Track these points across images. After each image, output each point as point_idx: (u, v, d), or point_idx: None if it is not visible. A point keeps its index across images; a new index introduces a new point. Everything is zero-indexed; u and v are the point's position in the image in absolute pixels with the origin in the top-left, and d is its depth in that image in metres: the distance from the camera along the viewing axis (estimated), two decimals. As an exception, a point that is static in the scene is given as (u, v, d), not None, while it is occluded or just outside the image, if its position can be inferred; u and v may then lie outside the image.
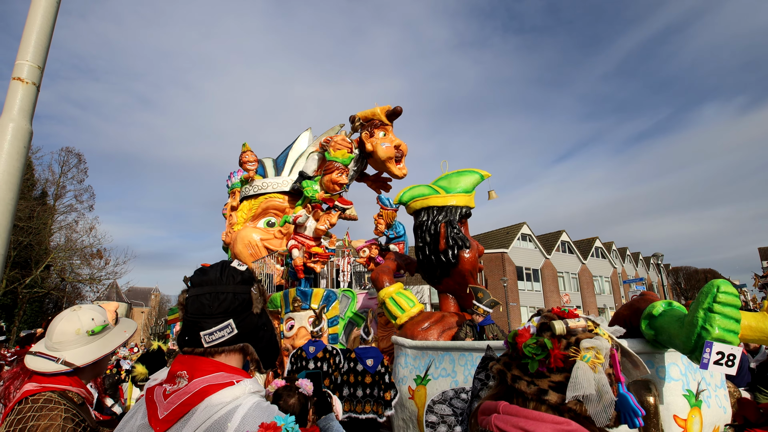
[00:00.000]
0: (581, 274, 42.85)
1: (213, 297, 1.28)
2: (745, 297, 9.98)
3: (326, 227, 8.60)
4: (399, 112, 8.98)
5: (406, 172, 9.15)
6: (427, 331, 4.70)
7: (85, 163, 29.89)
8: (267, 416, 1.13)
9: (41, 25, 2.16)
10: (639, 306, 2.35)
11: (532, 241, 40.29)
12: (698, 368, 2.16)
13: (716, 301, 1.90)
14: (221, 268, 1.34)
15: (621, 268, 49.27)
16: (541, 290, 38.88)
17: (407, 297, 5.29)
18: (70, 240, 27.02)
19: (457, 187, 5.55)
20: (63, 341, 1.89)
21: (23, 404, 1.69)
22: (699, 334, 1.90)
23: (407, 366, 4.34)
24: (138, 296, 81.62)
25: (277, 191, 10.94)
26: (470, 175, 5.67)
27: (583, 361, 1.01)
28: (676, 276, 64.15)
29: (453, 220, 5.28)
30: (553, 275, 40.29)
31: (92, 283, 27.27)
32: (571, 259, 42.79)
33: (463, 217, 5.38)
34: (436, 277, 5.49)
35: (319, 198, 9.08)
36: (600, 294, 44.00)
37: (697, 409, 2.17)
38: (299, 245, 8.33)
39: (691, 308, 2.00)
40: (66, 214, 28.40)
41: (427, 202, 5.53)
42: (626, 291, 43.84)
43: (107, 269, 27.53)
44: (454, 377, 3.63)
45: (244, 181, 11.81)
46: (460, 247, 5.12)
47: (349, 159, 9.07)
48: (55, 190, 28.54)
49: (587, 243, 46.28)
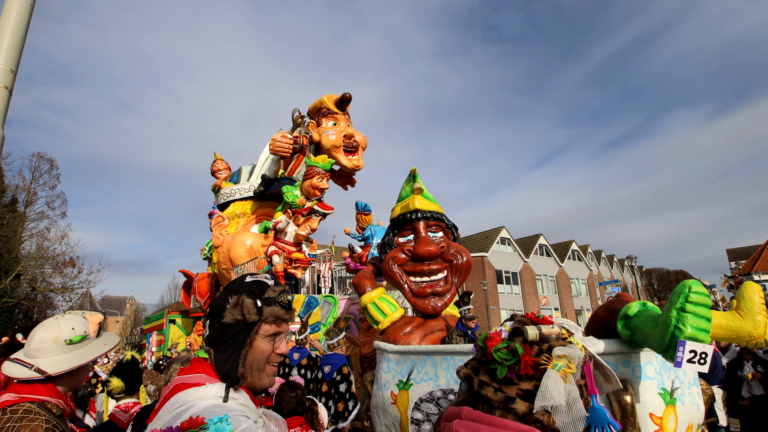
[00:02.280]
0: (559, 276, 43.45)
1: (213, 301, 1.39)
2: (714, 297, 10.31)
3: (307, 233, 8.54)
4: (347, 99, 8.86)
5: (360, 164, 8.83)
6: (409, 336, 4.70)
7: (57, 168, 29.08)
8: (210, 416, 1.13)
9: (14, 27, 2.10)
10: (615, 307, 2.40)
11: (510, 244, 40.67)
12: (672, 367, 2.21)
13: (688, 301, 1.96)
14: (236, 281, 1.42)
15: (597, 271, 50.18)
16: (520, 293, 39.23)
17: (389, 302, 5.28)
18: (41, 248, 26.13)
19: (398, 198, 5.53)
20: (40, 348, 1.86)
21: (2, 415, 1.64)
22: (672, 333, 1.95)
23: (390, 371, 4.33)
24: (113, 305, 79.44)
25: (244, 197, 10.84)
26: (408, 179, 5.63)
27: (555, 370, 0.96)
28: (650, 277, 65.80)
29: (387, 236, 5.30)
30: (532, 278, 40.73)
31: (64, 292, 26.42)
32: (548, 262, 43.35)
33: (396, 226, 5.30)
34: None
35: (299, 203, 9.02)
36: (577, 296, 44.70)
37: (671, 407, 2.22)
38: (279, 251, 8.26)
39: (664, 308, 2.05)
40: (37, 221, 27.50)
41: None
42: (602, 293, 44.65)
43: (80, 278, 26.73)
44: (437, 381, 3.64)
45: (215, 189, 11.72)
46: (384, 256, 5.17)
47: (329, 164, 9.03)
48: (25, 196, 27.62)
49: (564, 246, 46.99)
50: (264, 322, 1.35)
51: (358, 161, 8.87)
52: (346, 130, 8.78)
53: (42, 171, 28.42)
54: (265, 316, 1.35)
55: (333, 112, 8.96)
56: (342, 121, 8.95)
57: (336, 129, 8.78)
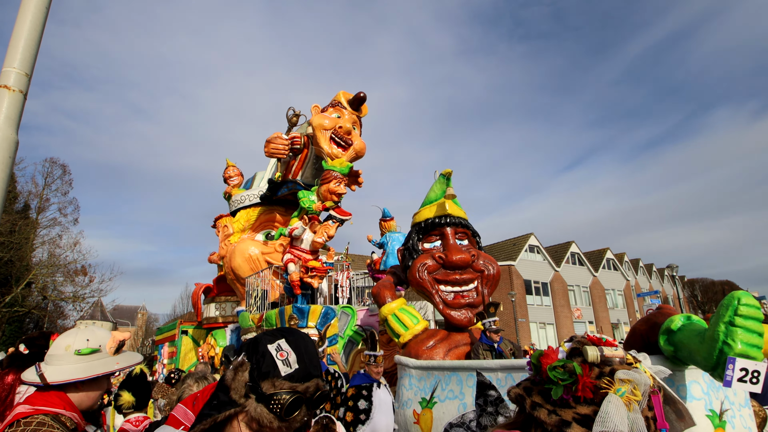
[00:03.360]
0: (593, 287, 42.69)
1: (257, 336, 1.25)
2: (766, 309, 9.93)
3: (323, 240, 8.59)
4: (360, 98, 8.95)
5: (336, 153, 8.78)
6: (432, 350, 4.67)
7: (69, 174, 29.93)
8: None
9: (29, 31, 2.19)
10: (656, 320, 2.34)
11: (540, 252, 40.21)
12: (721, 386, 2.14)
13: (737, 314, 1.90)
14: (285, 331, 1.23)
15: (634, 281, 49.10)
16: (551, 305, 38.68)
17: (410, 314, 5.26)
18: (53, 255, 26.92)
19: (426, 201, 5.53)
20: (53, 355, 1.93)
21: (15, 427, 1.69)
22: (721, 349, 1.89)
23: (412, 388, 4.30)
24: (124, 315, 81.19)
25: (253, 204, 11.01)
26: (437, 181, 5.61)
27: (617, 395, 0.92)
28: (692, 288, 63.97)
29: (411, 240, 5.30)
30: (564, 289, 40.11)
31: (75, 301, 27.12)
32: (581, 272, 42.67)
33: (424, 231, 5.27)
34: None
35: (316, 209, 9.09)
36: (613, 308, 43.79)
37: (721, 430, 2.15)
38: (295, 259, 8.32)
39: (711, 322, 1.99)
40: (49, 228, 28.35)
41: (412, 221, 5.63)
42: (641, 305, 43.61)
43: (92, 287, 27.38)
44: (462, 399, 3.60)
45: (226, 196, 11.95)
46: (408, 267, 5.15)
47: (347, 168, 9.08)
48: (38, 203, 28.53)
49: (598, 254, 46.17)
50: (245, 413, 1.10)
51: (335, 150, 8.76)
52: (344, 124, 8.81)
53: (54, 177, 29.34)
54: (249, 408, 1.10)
55: (343, 107, 9.09)
56: (346, 116, 9.01)
57: (334, 117, 8.86)
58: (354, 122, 9.24)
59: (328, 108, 9.20)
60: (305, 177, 9.91)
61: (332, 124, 8.76)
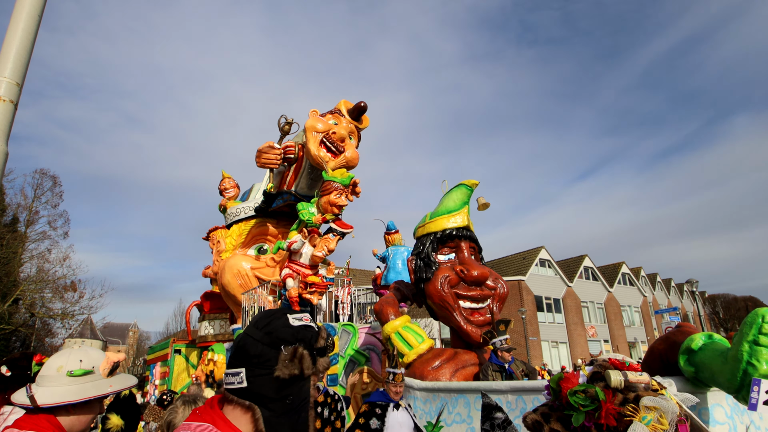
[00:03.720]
0: (608, 303, 42.42)
1: (240, 339, 1.29)
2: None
3: (323, 254, 8.58)
4: (360, 107, 8.99)
5: (324, 157, 8.71)
6: (438, 371, 4.63)
7: (60, 186, 30.16)
8: None
9: (21, 39, 2.23)
10: (676, 339, 2.32)
11: (551, 267, 40.05)
12: (746, 409, 2.12)
13: (762, 333, 1.88)
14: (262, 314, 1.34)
15: (651, 297, 48.77)
16: (564, 322, 38.40)
17: (415, 332, 5.23)
18: (41, 270, 27.00)
19: (441, 210, 5.55)
20: (44, 376, 1.92)
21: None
22: (745, 370, 1.87)
23: (416, 411, 4.26)
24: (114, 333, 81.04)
25: (248, 216, 11.03)
26: (456, 190, 5.63)
27: (642, 424, 0.90)
28: (714, 305, 63.44)
29: (423, 250, 5.28)
30: (577, 305, 39.84)
31: (64, 318, 27.13)
32: (595, 287, 42.43)
33: (440, 241, 5.30)
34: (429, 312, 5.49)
35: (316, 221, 9.10)
36: (630, 326, 43.45)
37: (746, 456, 2.12)
38: (294, 274, 8.31)
39: (734, 341, 1.97)
40: (38, 242, 28.50)
41: (417, 232, 5.61)
42: (659, 322, 43.23)
43: (81, 303, 27.46)
44: (471, 423, 3.56)
45: (222, 209, 11.98)
46: (424, 280, 5.11)
47: (348, 179, 9.11)
48: (27, 215, 28.69)
49: (613, 269, 45.97)
50: (314, 375, 1.30)
51: (322, 152, 8.68)
52: (339, 131, 8.82)
53: (44, 188, 29.56)
54: (319, 369, 1.30)
55: (342, 115, 9.15)
56: (343, 124, 9.04)
57: (328, 123, 8.88)
58: (351, 132, 9.28)
59: (327, 114, 9.27)
60: (300, 188, 9.93)
61: (325, 127, 8.80)
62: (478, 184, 5.53)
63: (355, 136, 9.42)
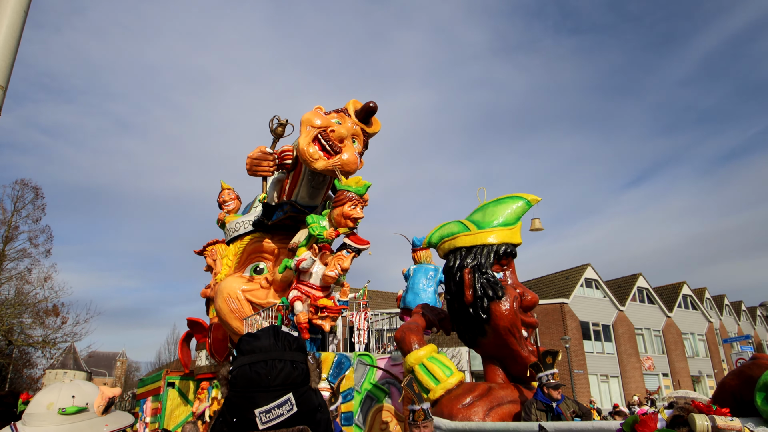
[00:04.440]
0: (666, 330, 41.72)
1: (269, 366, 1.29)
2: None
3: (336, 273, 8.61)
4: (368, 108, 8.99)
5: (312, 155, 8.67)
6: (470, 409, 4.59)
7: (42, 198, 30.62)
8: None
9: (5, 38, 2.30)
10: (751, 374, 2.27)
11: (599, 287, 39.66)
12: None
13: None
14: (274, 333, 1.37)
15: (718, 323, 47.80)
16: (615, 352, 37.86)
17: (443, 363, 5.20)
18: (20, 293, 27.46)
19: (492, 220, 5.53)
20: (32, 414, 1.94)
21: None
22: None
23: (445, 454, 4.22)
24: (100, 363, 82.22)
25: (248, 231, 11.04)
26: (512, 202, 5.63)
27: None
28: (794, 332, 61.76)
29: (483, 263, 5.24)
30: (630, 332, 39.26)
31: (45, 346, 27.51)
32: (652, 311, 41.80)
33: (501, 257, 5.31)
34: (470, 337, 5.42)
35: (327, 236, 9.14)
36: (693, 357, 42.56)
37: None
38: (303, 297, 8.35)
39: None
40: (17, 260, 28.95)
41: (456, 242, 5.54)
42: (728, 353, 42.24)
43: (64, 329, 27.82)
44: (508, 470, 3.52)
45: (220, 224, 12.09)
46: (491, 297, 5.05)
47: (364, 188, 9.15)
48: (5, 231, 29.21)
49: (672, 290, 45.30)
50: None
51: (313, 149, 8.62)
52: (340, 130, 8.79)
53: (25, 201, 30.11)
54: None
55: (348, 115, 9.18)
56: (348, 125, 9.04)
57: (329, 120, 8.88)
58: (355, 134, 9.27)
59: (332, 113, 9.28)
60: (300, 197, 9.93)
61: (324, 124, 8.77)
62: (539, 201, 5.61)
63: (360, 140, 9.43)
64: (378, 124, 9.70)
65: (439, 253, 5.87)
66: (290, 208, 9.91)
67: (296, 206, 9.87)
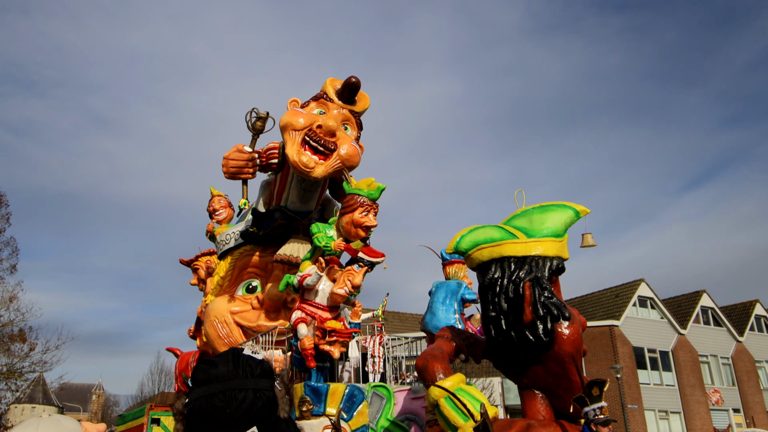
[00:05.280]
0: (737, 357, 41.46)
1: (228, 397, 1.30)
2: None
3: (346, 291, 8.59)
4: (350, 86, 8.90)
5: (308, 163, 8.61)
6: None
7: (7, 206, 30.89)
8: None
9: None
10: None
11: (655, 307, 39.59)
12: None
13: None
14: (233, 358, 1.38)
15: (800, 349, 47.14)
16: (675, 383, 37.68)
17: (472, 396, 5.17)
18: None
19: (542, 229, 5.51)
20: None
21: None
22: None
23: (477, 504, 4.20)
24: (73, 396, 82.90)
25: (237, 244, 11.00)
26: (560, 211, 5.63)
27: None
28: None
29: (542, 277, 5.20)
30: (693, 360, 39.02)
31: (10, 378, 27.74)
32: (718, 335, 41.60)
33: (554, 273, 5.30)
34: (519, 365, 5.36)
35: (335, 248, 9.13)
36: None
37: None
38: (308, 318, 8.34)
39: None
40: (-22, 278, 29.31)
41: (501, 250, 5.50)
42: (811, 384, 41.67)
43: (32, 358, 28.02)
44: None
45: (209, 235, 12.12)
46: (556, 318, 5.00)
47: (378, 191, 9.14)
48: (-36, 244, 29.65)
49: (743, 310, 45.06)
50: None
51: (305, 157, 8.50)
52: (327, 122, 8.71)
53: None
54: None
55: (329, 99, 9.11)
56: (333, 112, 8.98)
57: (311, 115, 8.83)
58: (345, 120, 9.19)
59: (310, 102, 9.21)
60: (291, 202, 9.85)
61: (307, 122, 8.65)
62: (588, 213, 5.66)
63: (352, 124, 9.35)
64: (366, 99, 9.58)
65: (469, 263, 5.82)
66: (281, 215, 9.89)
67: (287, 212, 9.84)
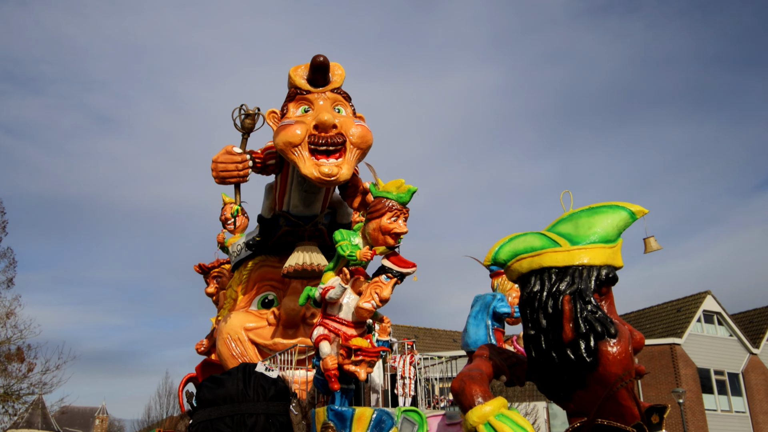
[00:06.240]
0: (820, 381, 40.38)
1: (237, 422, 1.30)
2: None
3: (374, 305, 8.61)
4: (318, 65, 8.53)
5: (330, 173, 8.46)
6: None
7: (4, 213, 31.44)
8: None
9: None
10: None
11: (723, 323, 39.34)
12: None
13: None
14: (244, 376, 1.37)
15: None
16: (746, 410, 37.27)
17: (516, 423, 5.14)
18: (-24, 333, 28.25)
19: (589, 235, 5.46)
20: None
21: None
22: None
23: None
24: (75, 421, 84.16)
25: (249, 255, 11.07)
26: (612, 213, 5.57)
27: None
28: None
29: (585, 289, 5.16)
30: (767, 384, 38.22)
31: (7, 400, 28.14)
32: (797, 356, 40.61)
33: (603, 284, 5.25)
34: (563, 388, 5.33)
35: (361, 258, 9.17)
36: None
37: None
38: (331, 335, 8.38)
39: None
40: (-28, 292, 29.85)
41: (541, 260, 5.45)
42: None
43: (30, 378, 28.41)
44: None
45: (221, 246, 12.28)
46: (600, 335, 4.96)
47: (408, 194, 9.15)
48: (-42, 255, 30.24)
49: (826, 326, 43.89)
50: None
51: (325, 168, 8.39)
52: (320, 117, 8.56)
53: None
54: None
55: (304, 91, 9.03)
56: (320, 103, 8.90)
57: (303, 118, 8.76)
58: (335, 102, 9.08)
59: (288, 106, 9.13)
60: (293, 206, 9.81)
61: (304, 131, 8.57)
62: (646, 213, 5.58)
63: (341, 102, 9.24)
64: (339, 68, 9.36)
65: (509, 275, 5.79)
66: (284, 221, 9.93)
67: (289, 218, 9.86)
